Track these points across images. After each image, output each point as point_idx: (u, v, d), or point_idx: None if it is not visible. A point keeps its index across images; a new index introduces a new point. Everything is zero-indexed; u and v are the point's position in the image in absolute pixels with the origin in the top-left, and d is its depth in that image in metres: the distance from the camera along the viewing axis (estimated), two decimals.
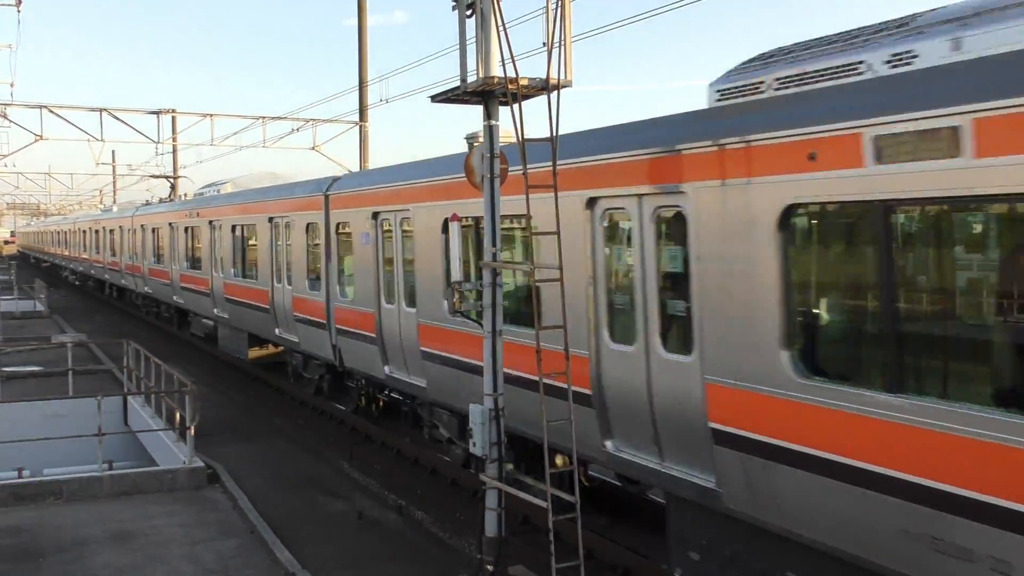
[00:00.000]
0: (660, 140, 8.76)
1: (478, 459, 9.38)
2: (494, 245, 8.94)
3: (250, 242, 22.26)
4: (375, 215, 14.99)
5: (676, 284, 8.79)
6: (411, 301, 13.96)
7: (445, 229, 12.32)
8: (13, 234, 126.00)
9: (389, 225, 14.68)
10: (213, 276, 24.85)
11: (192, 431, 14.79)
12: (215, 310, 24.98)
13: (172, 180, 41.59)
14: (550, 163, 8.32)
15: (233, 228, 23.15)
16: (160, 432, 17.04)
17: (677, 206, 8.60)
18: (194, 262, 27.28)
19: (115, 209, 46.47)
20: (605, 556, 10.77)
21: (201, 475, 14.46)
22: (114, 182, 70.61)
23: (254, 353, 23.56)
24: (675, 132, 8.64)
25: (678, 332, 8.78)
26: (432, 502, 13.32)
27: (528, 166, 8.28)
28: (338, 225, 16.67)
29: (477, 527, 9.07)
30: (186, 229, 27.99)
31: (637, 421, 9.24)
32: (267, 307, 20.42)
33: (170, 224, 29.85)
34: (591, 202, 9.63)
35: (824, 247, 7.69)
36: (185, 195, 37.38)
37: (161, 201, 38.61)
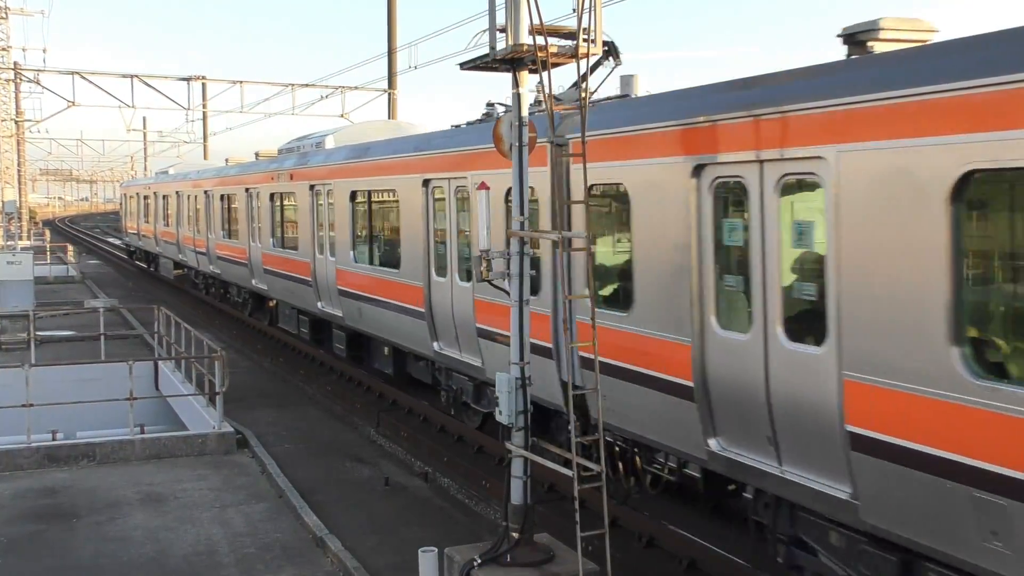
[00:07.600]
0: (789, 96, 7.59)
1: (503, 427, 9.39)
2: (522, 214, 8.90)
3: (289, 211, 21.63)
4: (425, 182, 14.30)
5: (805, 264, 7.74)
6: (465, 274, 13.29)
7: (509, 198, 11.98)
8: None
9: (441, 193, 13.97)
10: (251, 246, 24.48)
11: (222, 397, 14.97)
12: (253, 281, 24.76)
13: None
14: (632, 127, 7.67)
15: (272, 196, 22.59)
16: (190, 397, 17.26)
17: (811, 173, 7.47)
18: (231, 231, 26.79)
19: (171, 172, 45.98)
20: (630, 524, 10.81)
21: (230, 440, 14.64)
22: (144, 148, 71.13)
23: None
24: (810, 87, 7.47)
25: (806, 320, 7.68)
26: (458, 469, 13.40)
27: (613, 129, 7.71)
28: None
29: (503, 495, 9.11)
30: (222, 197, 27.61)
31: (749, 419, 8.21)
32: (309, 279, 19.93)
33: (206, 192, 29.58)
34: (698, 170, 8.63)
35: (1013, 223, 6.38)
36: (227, 160, 37.34)
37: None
